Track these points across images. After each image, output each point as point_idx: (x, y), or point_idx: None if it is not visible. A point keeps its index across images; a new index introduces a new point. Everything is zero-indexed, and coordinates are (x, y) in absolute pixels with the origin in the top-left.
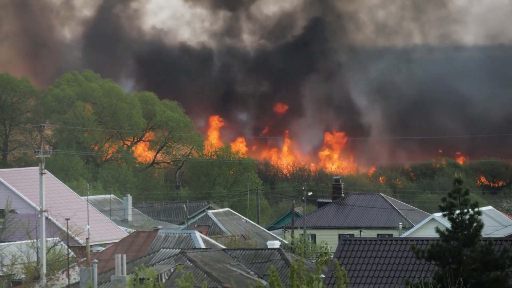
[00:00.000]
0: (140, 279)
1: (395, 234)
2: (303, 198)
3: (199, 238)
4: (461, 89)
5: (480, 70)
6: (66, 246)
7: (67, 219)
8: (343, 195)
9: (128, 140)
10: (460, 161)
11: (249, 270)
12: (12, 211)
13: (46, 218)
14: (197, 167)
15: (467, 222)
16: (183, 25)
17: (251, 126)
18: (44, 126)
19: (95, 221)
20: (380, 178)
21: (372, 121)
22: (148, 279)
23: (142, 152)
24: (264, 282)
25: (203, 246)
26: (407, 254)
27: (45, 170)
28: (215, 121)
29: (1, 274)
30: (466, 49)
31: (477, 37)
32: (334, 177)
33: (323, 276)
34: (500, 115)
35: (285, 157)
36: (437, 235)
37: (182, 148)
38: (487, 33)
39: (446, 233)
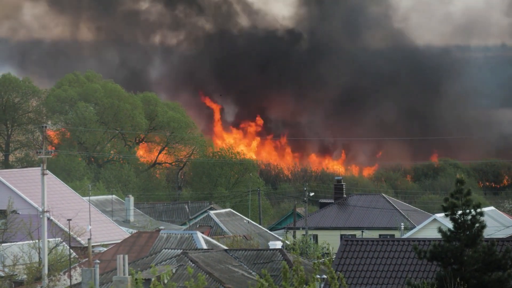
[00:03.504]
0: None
1: (397, 234)
2: (305, 198)
3: (201, 239)
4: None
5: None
6: (68, 247)
7: (69, 220)
8: (345, 195)
9: (130, 141)
10: (465, 162)
11: (251, 271)
12: (14, 211)
13: (48, 218)
14: (199, 167)
15: (469, 222)
16: None
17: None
18: (46, 127)
19: (97, 221)
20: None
21: (373, 122)
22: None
23: (144, 152)
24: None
25: (205, 246)
26: (409, 254)
27: (47, 170)
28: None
29: (3, 275)
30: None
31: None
32: (336, 178)
33: (324, 276)
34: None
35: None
36: (439, 236)
37: (184, 148)
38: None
39: (448, 233)
